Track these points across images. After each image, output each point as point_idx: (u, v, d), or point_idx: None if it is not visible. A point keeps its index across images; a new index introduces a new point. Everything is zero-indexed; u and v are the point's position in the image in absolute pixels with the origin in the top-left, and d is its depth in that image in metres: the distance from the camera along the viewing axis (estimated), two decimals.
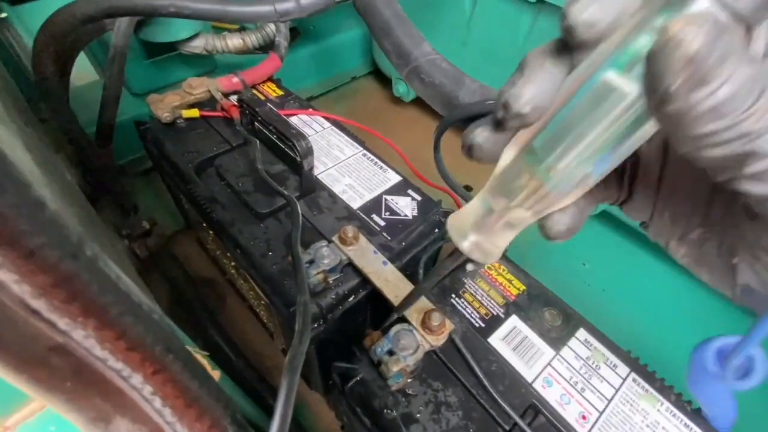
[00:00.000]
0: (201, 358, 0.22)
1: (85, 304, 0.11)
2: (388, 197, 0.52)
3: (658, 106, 0.12)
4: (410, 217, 0.50)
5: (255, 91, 0.64)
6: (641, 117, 0.13)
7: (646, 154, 0.18)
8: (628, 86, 0.13)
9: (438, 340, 0.37)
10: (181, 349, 0.14)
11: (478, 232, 0.20)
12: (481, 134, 0.16)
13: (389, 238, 0.48)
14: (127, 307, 0.12)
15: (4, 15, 0.95)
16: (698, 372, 0.30)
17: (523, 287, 0.45)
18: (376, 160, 0.57)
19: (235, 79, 0.60)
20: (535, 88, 0.14)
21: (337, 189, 0.53)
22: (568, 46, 0.14)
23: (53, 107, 0.51)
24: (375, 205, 0.51)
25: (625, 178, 0.19)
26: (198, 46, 0.73)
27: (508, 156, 0.17)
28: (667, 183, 0.18)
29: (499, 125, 0.16)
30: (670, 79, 0.11)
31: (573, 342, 0.41)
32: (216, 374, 0.24)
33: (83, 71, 0.83)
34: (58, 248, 0.11)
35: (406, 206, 0.51)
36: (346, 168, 0.55)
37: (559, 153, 0.15)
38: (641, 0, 0.13)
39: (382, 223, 0.49)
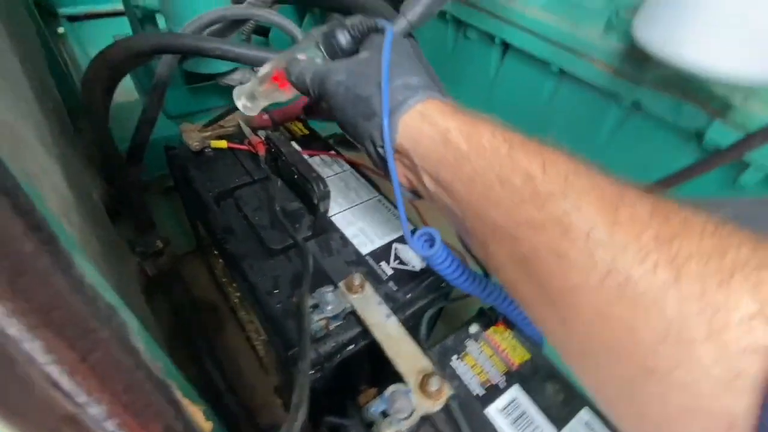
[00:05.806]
0: (197, 410, 0.22)
1: (105, 380, 0.11)
2: (398, 246, 0.53)
3: None
4: (418, 269, 0.50)
5: (282, 128, 0.67)
6: None
7: None
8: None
9: (435, 406, 0.36)
10: (186, 421, 0.14)
11: (247, 98, 0.43)
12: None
13: (396, 288, 0.48)
14: (142, 380, 0.13)
15: (61, 30, 1.02)
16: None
17: (527, 356, 0.44)
18: (390, 207, 0.58)
19: (265, 116, 0.62)
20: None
21: (349, 232, 0.53)
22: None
23: (93, 127, 0.54)
24: (384, 252, 0.52)
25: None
26: (235, 79, 0.77)
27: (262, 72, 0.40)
28: None
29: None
30: None
31: (574, 422, 0.40)
32: (209, 425, 0.24)
33: (122, 88, 0.88)
34: (88, 322, 0.12)
35: (415, 257, 0.52)
36: (360, 212, 0.56)
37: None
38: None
39: (390, 272, 0.49)
